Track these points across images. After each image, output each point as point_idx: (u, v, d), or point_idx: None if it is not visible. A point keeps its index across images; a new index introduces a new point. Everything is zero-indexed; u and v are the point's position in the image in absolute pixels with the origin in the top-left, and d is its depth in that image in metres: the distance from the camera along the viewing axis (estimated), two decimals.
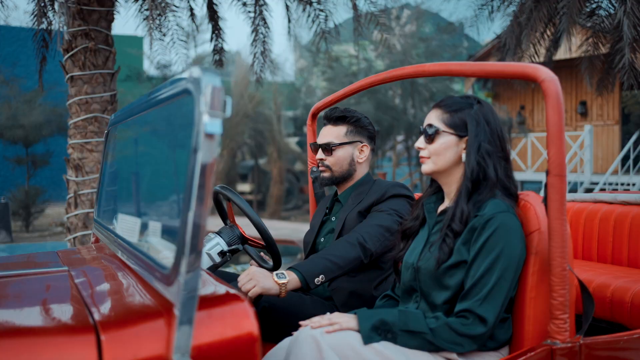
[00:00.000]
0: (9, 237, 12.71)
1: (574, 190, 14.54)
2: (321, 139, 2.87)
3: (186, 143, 1.44)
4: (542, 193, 1.97)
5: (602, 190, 12.86)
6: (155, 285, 1.57)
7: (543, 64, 8.24)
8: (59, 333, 1.43)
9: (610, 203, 3.61)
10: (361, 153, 2.90)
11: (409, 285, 2.16)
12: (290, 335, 2.04)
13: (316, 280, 2.38)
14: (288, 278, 2.32)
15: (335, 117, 2.86)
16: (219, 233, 2.68)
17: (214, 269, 2.64)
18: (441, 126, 2.11)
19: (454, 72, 2.17)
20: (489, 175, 2.03)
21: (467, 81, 18.23)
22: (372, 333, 1.93)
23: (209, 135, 1.36)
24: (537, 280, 1.97)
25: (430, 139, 2.12)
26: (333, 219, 2.92)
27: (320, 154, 2.86)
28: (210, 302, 1.53)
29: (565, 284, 1.87)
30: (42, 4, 6.59)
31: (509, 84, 17.03)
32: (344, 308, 2.65)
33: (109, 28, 6.37)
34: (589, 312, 1.96)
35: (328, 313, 2.03)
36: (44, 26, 6.83)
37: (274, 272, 2.33)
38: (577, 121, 16.78)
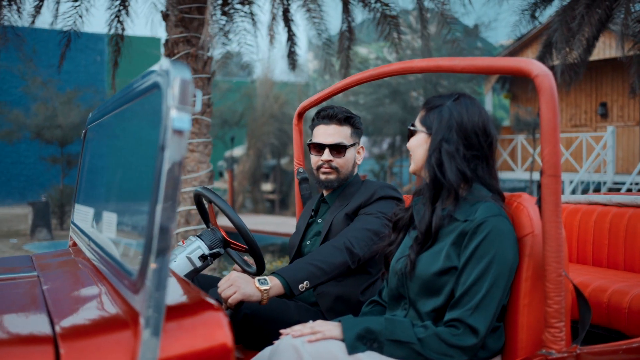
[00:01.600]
0: (50, 235, 13.20)
1: (597, 190, 14.71)
2: (329, 139, 2.71)
3: (156, 140, 1.34)
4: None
5: (629, 190, 13.03)
6: (123, 292, 1.46)
7: (576, 64, 8.32)
8: (15, 344, 1.33)
9: (605, 205, 3.52)
10: (359, 155, 2.81)
11: (396, 292, 2.06)
12: (272, 344, 1.94)
13: (300, 286, 2.28)
14: (270, 284, 2.22)
15: (343, 118, 2.73)
16: (199, 236, 2.58)
17: (194, 274, 2.53)
18: (417, 124, 2.06)
19: (443, 69, 2.08)
20: (446, 177, 1.93)
21: (487, 83, 18.30)
22: (357, 342, 1.83)
23: (178, 132, 1.26)
24: (531, 287, 1.87)
25: (409, 137, 2.10)
26: (319, 221, 2.82)
27: (327, 155, 2.71)
28: (181, 310, 1.42)
29: (560, 290, 1.77)
30: (118, 11, 7.49)
31: (526, 85, 17.14)
32: (330, 313, 2.55)
33: (207, 35, 6.73)
34: (586, 320, 1.87)
35: (311, 321, 1.93)
36: (118, 31, 7.63)
37: (256, 278, 2.22)
38: (597, 122, 16.89)
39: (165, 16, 6.70)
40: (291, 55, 8.21)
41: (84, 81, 18.49)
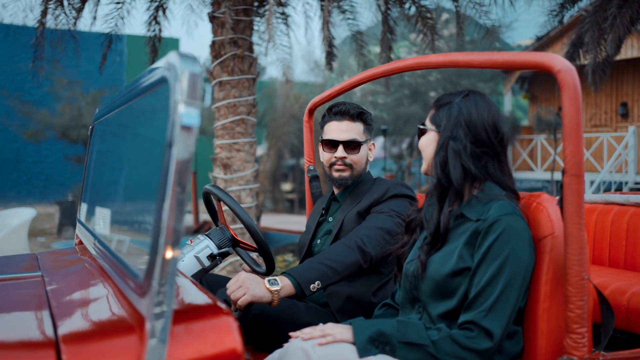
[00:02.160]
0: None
1: (619, 189, 14.78)
2: (343, 135, 2.64)
3: (164, 137, 1.28)
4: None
5: None
6: (128, 295, 1.41)
7: (604, 64, 8.30)
8: (16, 348, 1.27)
9: (622, 205, 3.44)
10: (370, 152, 2.74)
11: (410, 295, 2.00)
12: (282, 346, 1.88)
13: (311, 286, 2.22)
14: (281, 285, 2.16)
15: (356, 114, 2.66)
16: (208, 235, 2.52)
17: (203, 274, 2.48)
18: (427, 123, 2.01)
19: (460, 64, 2.00)
20: (450, 176, 1.88)
21: (507, 83, 18.31)
22: (369, 345, 1.77)
23: (186, 128, 1.20)
24: (551, 290, 1.81)
25: (420, 136, 2.05)
26: (330, 219, 2.75)
27: (341, 152, 2.64)
28: (189, 314, 1.37)
29: (583, 294, 1.70)
30: (156, 12, 7.77)
31: (546, 85, 17.07)
32: (341, 314, 2.49)
33: (251, 36, 6.98)
34: (608, 325, 1.80)
35: (321, 324, 1.87)
36: (155, 33, 7.93)
37: (266, 279, 2.16)
38: (617, 122, 16.88)
39: (212, 18, 6.83)
40: (329, 56, 8.34)
41: (103, 81, 19.01)
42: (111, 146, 2.17)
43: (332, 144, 2.67)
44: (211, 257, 2.46)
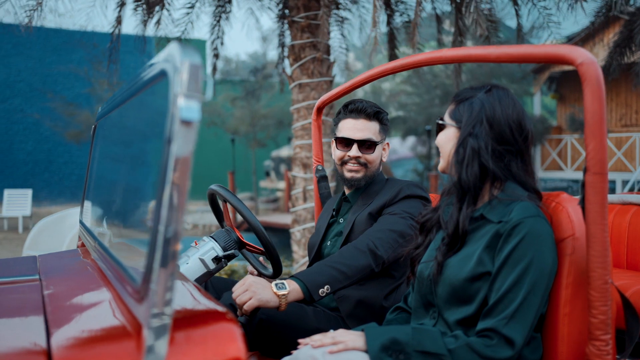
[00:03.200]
0: None
1: None
2: (358, 134, 2.56)
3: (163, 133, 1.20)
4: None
5: None
6: (127, 300, 1.33)
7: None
8: (5, 356, 1.19)
9: None
10: (384, 152, 2.66)
11: (424, 299, 1.90)
12: (290, 354, 1.80)
13: (321, 291, 2.14)
14: (289, 289, 2.07)
15: (373, 113, 2.57)
16: (213, 237, 2.44)
17: (208, 276, 2.40)
18: (446, 118, 1.91)
19: (475, 58, 1.91)
20: (466, 174, 1.78)
21: (536, 84, 18.35)
22: (382, 354, 1.68)
23: (186, 122, 1.12)
24: (572, 294, 1.71)
25: (438, 132, 1.95)
26: (341, 221, 2.67)
27: (355, 151, 2.56)
28: (189, 321, 1.29)
29: (607, 299, 1.60)
30: (219, 17, 8.23)
31: (574, 85, 17.08)
32: (351, 319, 2.40)
33: (329, 39, 7.22)
34: (634, 332, 1.70)
35: (331, 330, 1.78)
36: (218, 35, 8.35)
37: (273, 282, 2.08)
38: None
39: (291, 23, 7.08)
40: (392, 58, 8.55)
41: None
42: (113, 145, 2.10)
43: (346, 142, 2.58)
44: (216, 259, 2.38)
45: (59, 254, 2.43)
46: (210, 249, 2.39)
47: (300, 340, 1.76)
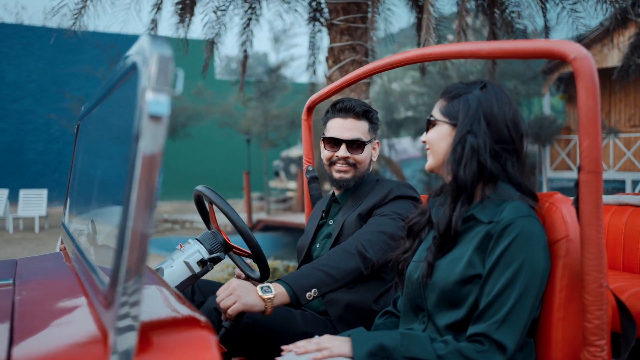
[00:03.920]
0: None
1: None
2: (346, 134, 2.49)
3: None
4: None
5: None
6: (97, 306, 1.26)
7: None
8: None
9: (637, 206, 3.28)
10: (374, 151, 2.59)
11: (413, 303, 1.84)
12: None
13: (307, 294, 2.07)
14: (274, 292, 2.01)
15: (361, 112, 2.51)
16: (199, 239, 2.38)
17: (193, 280, 2.33)
18: (437, 115, 1.83)
19: (466, 54, 1.85)
20: (464, 173, 1.71)
21: (545, 85, 18.46)
22: None
23: (154, 117, 1.06)
24: (566, 298, 1.65)
25: (428, 129, 1.86)
26: (330, 222, 2.61)
27: (343, 151, 2.50)
28: (162, 327, 1.22)
29: (602, 303, 1.54)
30: (249, 19, 8.54)
31: None
32: (340, 323, 2.34)
33: (367, 42, 7.33)
34: (630, 337, 1.63)
35: (316, 336, 1.71)
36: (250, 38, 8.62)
37: (259, 286, 2.01)
38: None
39: (330, 25, 7.21)
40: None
41: None
42: (93, 144, 2.03)
43: (334, 142, 2.52)
44: (202, 262, 2.32)
45: (41, 257, 2.36)
46: (195, 251, 2.33)
47: (283, 347, 1.69)
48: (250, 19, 8.67)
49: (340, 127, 2.50)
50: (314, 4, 8.37)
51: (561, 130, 18.24)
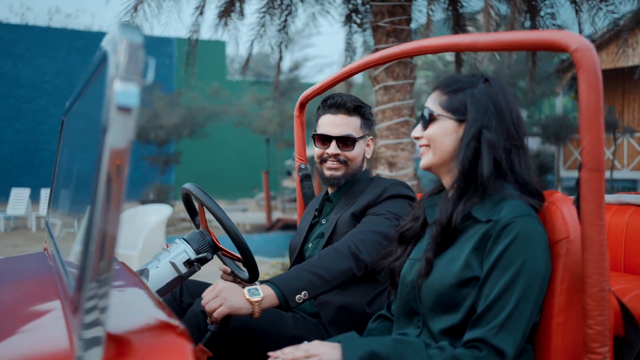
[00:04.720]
0: None
1: None
2: (337, 130, 2.42)
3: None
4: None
5: None
6: (66, 310, 1.19)
7: None
8: None
9: (639, 205, 3.20)
10: (368, 148, 2.51)
11: (408, 306, 1.75)
12: None
13: (297, 297, 1.99)
14: (263, 294, 1.93)
15: (353, 107, 2.43)
16: (186, 239, 2.30)
17: (179, 281, 2.25)
18: (438, 109, 1.72)
19: (463, 47, 1.77)
20: (479, 171, 1.62)
21: (559, 84, 18.34)
22: None
23: (122, 109, 0.98)
24: (566, 302, 1.57)
25: (427, 125, 1.74)
26: (323, 221, 2.53)
27: (333, 148, 2.42)
28: (135, 333, 1.15)
29: (604, 308, 1.46)
30: (285, 21, 8.67)
31: None
32: (332, 326, 2.26)
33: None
34: (633, 344, 1.56)
35: (305, 342, 1.64)
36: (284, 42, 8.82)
37: (247, 288, 1.93)
38: None
39: (375, 27, 7.26)
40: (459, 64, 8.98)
41: (178, 85, 21.52)
42: (73, 141, 1.96)
43: (324, 139, 2.44)
44: (188, 263, 2.24)
45: (23, 257, 2.29)
46: (182, 251, 2.25)
47: (270, 354, 1.61)
48: (286, 21, 8.83)
49: (331, 124, 2.43)
50: (350, 5, 8.50)
51: (574, 129, 18.32)
